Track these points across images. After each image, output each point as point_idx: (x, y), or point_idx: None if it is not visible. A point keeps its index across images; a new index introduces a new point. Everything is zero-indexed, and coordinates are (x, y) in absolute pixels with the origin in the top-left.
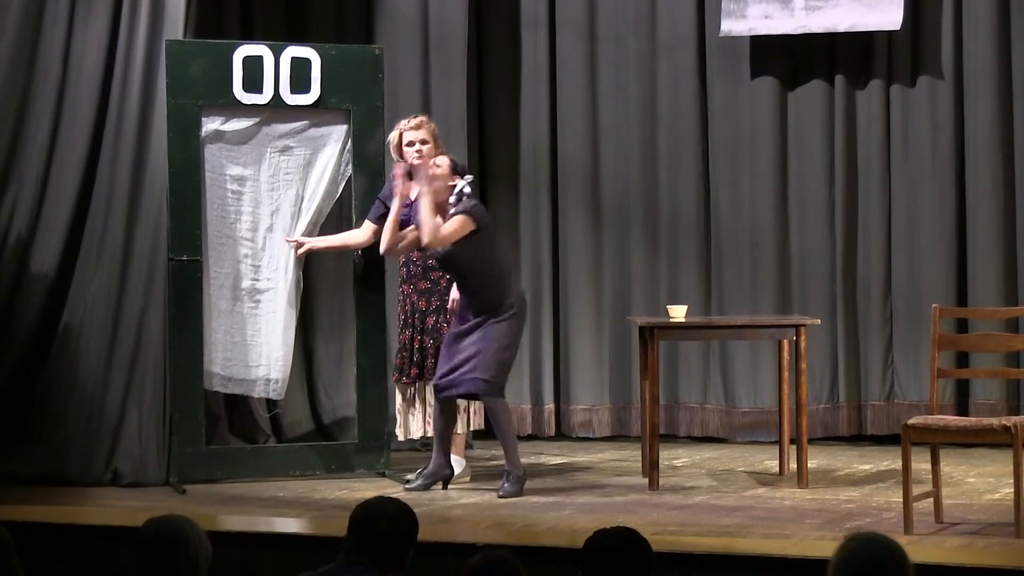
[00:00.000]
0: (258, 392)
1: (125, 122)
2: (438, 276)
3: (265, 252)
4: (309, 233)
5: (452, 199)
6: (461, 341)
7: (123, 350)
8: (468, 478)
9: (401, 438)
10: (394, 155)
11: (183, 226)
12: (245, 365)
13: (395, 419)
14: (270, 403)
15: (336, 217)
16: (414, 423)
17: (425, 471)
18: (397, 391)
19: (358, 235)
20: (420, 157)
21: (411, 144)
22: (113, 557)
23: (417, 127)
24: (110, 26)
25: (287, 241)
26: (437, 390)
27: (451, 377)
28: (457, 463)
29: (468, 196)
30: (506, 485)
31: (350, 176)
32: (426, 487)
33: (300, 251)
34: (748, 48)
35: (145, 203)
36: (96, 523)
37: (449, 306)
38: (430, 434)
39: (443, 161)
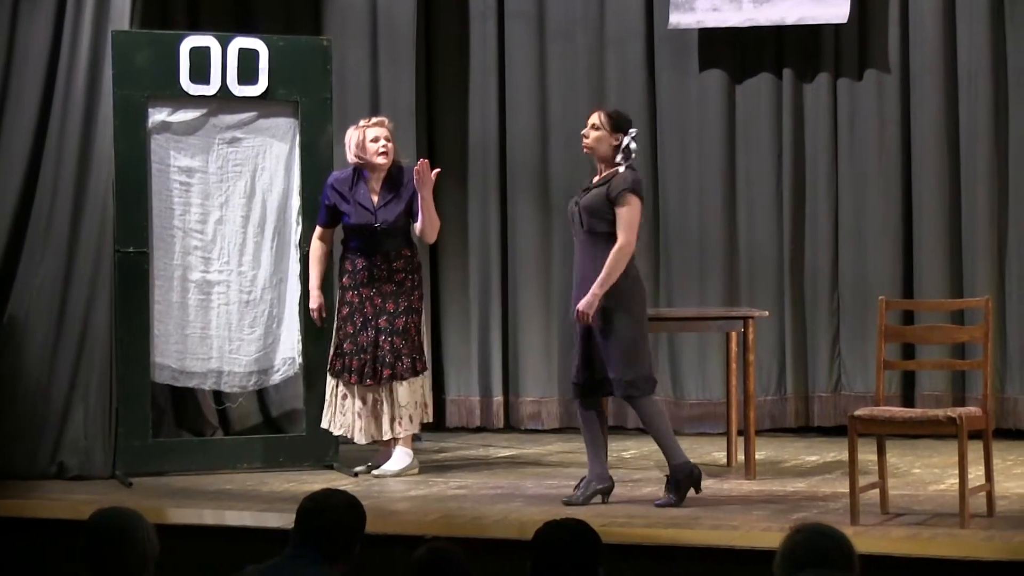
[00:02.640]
0: (210, 385)
1: (71, 113)
2: (402, 278)
3: (215, 244)
4: (280, 226)
5: (619, 158)
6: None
7: (69, 342)
8: (416, 471)
9: (336, 432)
10: (354, 155)
11: (129, 218)
12: (197, 358)
13: (347, 421)
14: (220, 395)
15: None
16: (368, 425)
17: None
18: (342, 389)
19: (320, 249)
20: (385, 153)
21: (376, 140)
22: (59, 550)
23: (379, 124)
24: (55, 16)
25: (315, 317)
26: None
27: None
28: (406, 455)
29: (634, 156)
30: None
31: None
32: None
33: (319, 313)
34: (696, 41)
35: (91, 195)
36: (42, 516)
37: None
38: (386, 436)
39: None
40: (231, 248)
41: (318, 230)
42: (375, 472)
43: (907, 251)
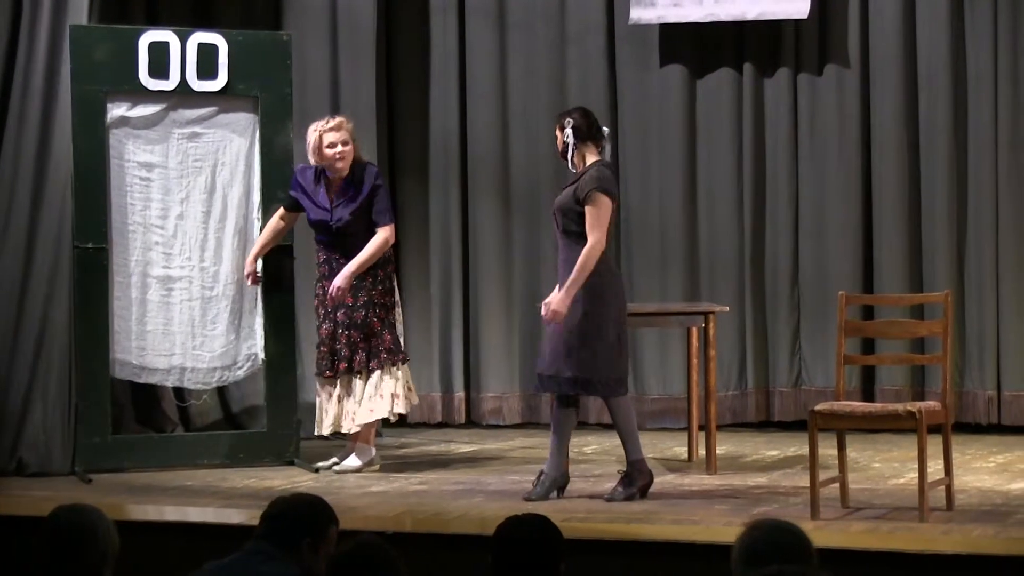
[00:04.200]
0: (173, 381)
1: (29, 108)
2: (363, 273)
3: (177, 239)
4: (241, 222)
5: (569, 152)
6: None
7: (27, 338)
8: (377, 467)
9: (316, 432)
10: (313, 158)
11: (88, 213)
12: (160, 354)
13: (318, 414)
14: (181, 392)
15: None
16: (330, 418)
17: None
18: (317, 385)
19: (275, 223)
20: (342, 159)
21: (332, 146)
22: (19, 547)
23: (337, 128)
24: (12, 11)
25: (249, 278)
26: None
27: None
28: (366, 451)
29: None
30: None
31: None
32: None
33: (253, 278)
34: (657, 36)
35: (49, 190)
36: (1, 513)
37: (332, 294)
38: (344, 429)
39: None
40: (192, 244)
41: (280, 209)
42: (336, 468)
43: (867, 246)
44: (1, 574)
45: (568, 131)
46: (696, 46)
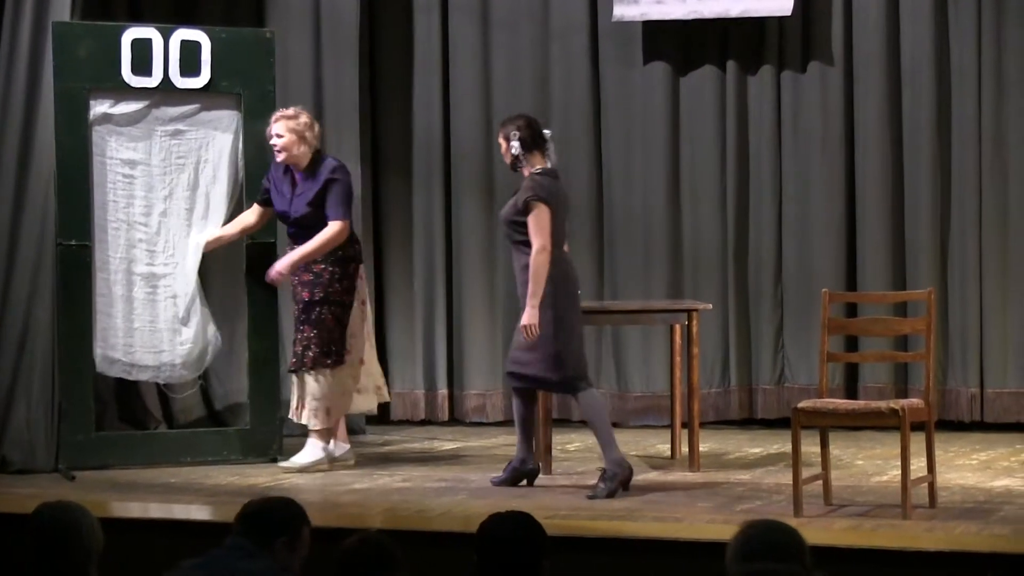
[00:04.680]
0: (164, 378)
1: (11, 105)
2: (320, 269)
3: (160, 236)
4: (225, 219)
5: (517, 162)
6: None
7: (10, 336)
8: (326, 467)
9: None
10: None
11: (71, 211)
12: (149, 351)
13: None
14: (164, 388)
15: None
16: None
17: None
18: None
19: (250, 217)
20: (280, 151)
21: (270, 137)
22: (3, 544)
23: (281, 118)
24: None
25: (276, 277)
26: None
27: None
28: (315, 450)
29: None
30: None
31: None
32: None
33: (206, 247)
34: (640, 33)
35: (32, 188)
36: None
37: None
38: (303, 420)
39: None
40: (176, 240)
41: (255, 205)
42: (281, 464)
43: (850, 243)
44: None
45: (515, 143)
46: (679, 43)
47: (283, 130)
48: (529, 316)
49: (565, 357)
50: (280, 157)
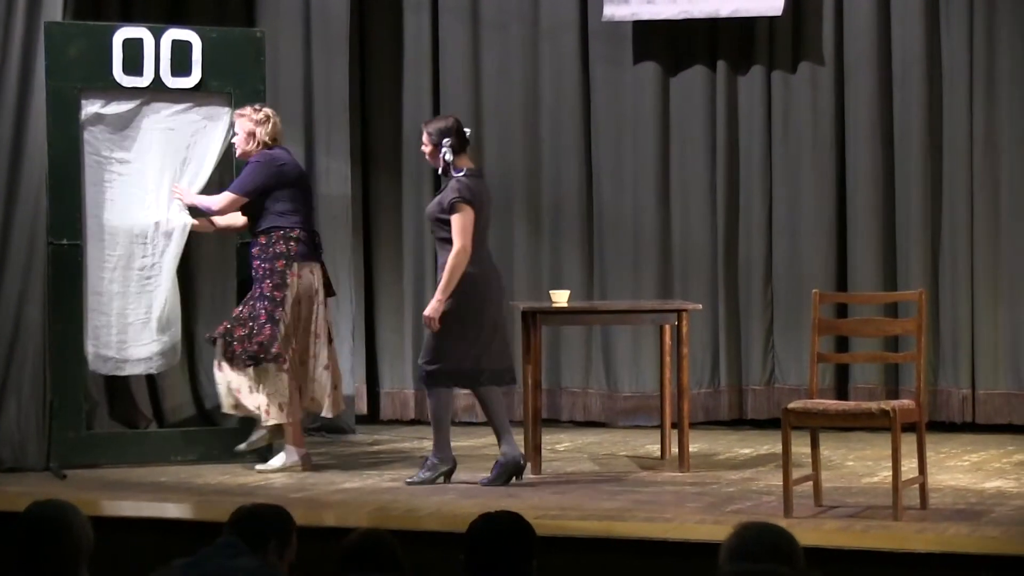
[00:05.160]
0: (157, 367)
1: (3, 105)
2: (256, 265)
3: (151, 231)
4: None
5: (442, 169)
6: None
7: (1, 335)
8: (300, 468)
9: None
10: None
11: (63, 210)
12: (139, 344)
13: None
14: (154, 387)
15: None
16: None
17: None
18: None
19: (238, 216)
20: (237, 147)
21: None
22: None
23: (239, 115)
24: None
25: (173, 189)
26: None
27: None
28: (288, 453)
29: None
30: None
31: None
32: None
33: (183, 199)
34: (631, 33)
35: (24, 187)
36: None
37: None
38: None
39: None
40: (167, 235)
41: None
42: (258, 468)
43: (841, 244)
44: None
45: (447, 151)
46: (669, 43)
47: (237, 128)
48: (432, 309)
49: (447, 352)
50: (237, 153)
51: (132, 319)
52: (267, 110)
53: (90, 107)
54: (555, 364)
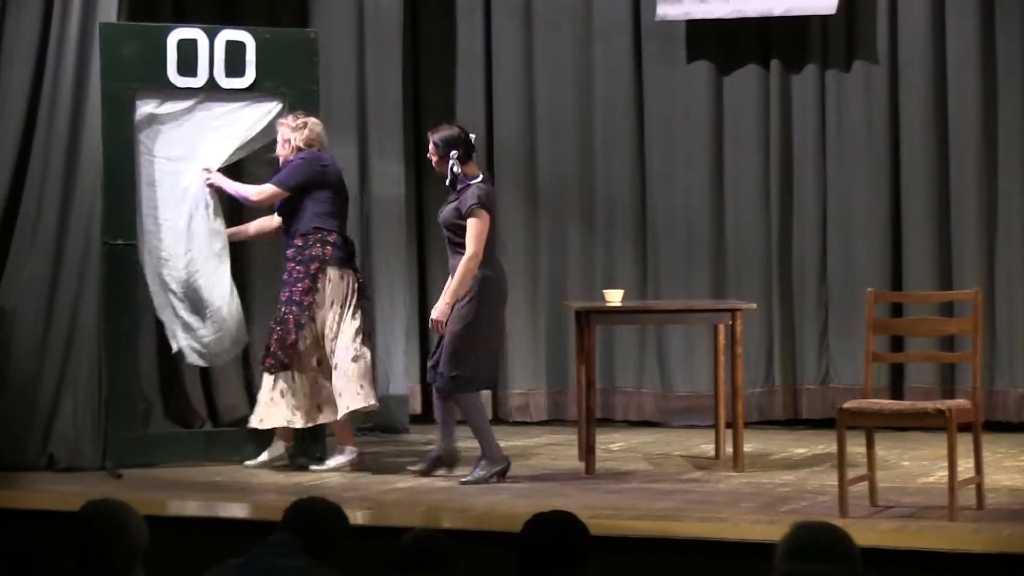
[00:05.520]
0: (231, 357)
1: (58, 106)
2: (291, 267)
3: (198, 228)
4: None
5: (449, 180)
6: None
7: (57, 335)
8: (285, 462)
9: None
10: None
11: (118, 210)
12: (212, 336)
13: None
14: (209, 387)
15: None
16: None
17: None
18: None
19: (268, 221)
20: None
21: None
22: (49, 542)
23: (279, 124)
24: (43, 9)
25: (206, 174)
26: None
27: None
28: (347, 452)
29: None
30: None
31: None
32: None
33: (224, 188)
34: (684, 32)
35: (79, 188)
36: (31, 507)
37: None
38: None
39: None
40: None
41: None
42: (312, 468)
43: (895, 243)
44: (32, 569)
45: (454, 163)
46: (722, 42)
47: (279, 134)
48: (440, 312)
49: (471, 356)
50: (280, 161)
51: (197, 313)
52: (306, 118)
53: (144, 107)
54: (609, 364)
